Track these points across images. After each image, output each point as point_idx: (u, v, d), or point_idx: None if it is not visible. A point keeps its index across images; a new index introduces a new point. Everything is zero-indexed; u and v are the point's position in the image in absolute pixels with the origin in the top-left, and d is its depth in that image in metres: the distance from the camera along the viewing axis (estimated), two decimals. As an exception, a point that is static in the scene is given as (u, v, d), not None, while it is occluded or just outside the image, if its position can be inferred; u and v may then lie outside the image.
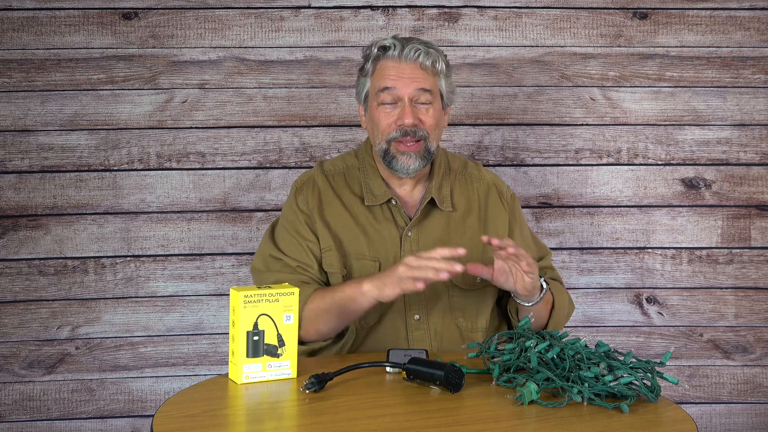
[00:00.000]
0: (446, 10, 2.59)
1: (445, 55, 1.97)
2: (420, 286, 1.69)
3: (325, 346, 1.96)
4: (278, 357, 1.60)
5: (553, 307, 1.93)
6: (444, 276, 1.67)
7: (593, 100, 2.63)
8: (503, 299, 2.00)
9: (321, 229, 1.93)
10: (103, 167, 2.55)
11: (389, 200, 1.95)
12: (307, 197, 1.96)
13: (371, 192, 1.96)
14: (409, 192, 1.99)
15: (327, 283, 1.93)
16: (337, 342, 1.94)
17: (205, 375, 2.58)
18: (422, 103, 1.90)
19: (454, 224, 1.97)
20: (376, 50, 1.92)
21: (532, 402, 1.48)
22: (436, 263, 1.68)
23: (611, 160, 2.63)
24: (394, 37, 1.93)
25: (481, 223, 1.99)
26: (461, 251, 1.69)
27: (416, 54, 1.89)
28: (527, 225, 2.09)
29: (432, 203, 1.97)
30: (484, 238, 1.75)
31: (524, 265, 1.76)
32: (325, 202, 1.96)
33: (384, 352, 1.74)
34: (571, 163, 2.63)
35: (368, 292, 1.77)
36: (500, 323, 2.02)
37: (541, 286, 1.85)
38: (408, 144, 1.89)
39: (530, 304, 1.86)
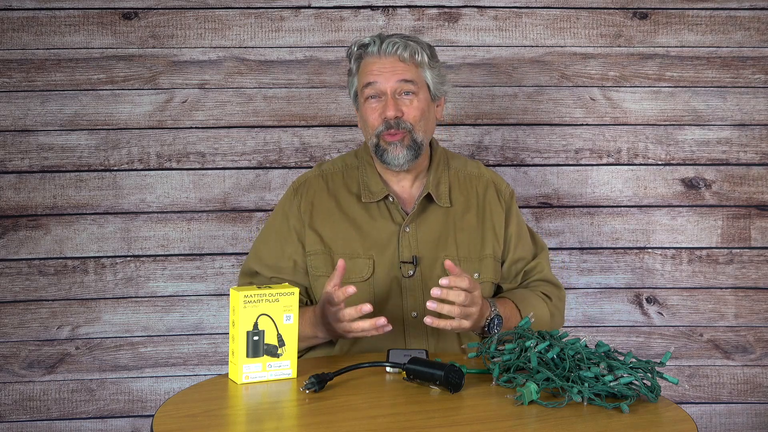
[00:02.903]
0: (446, 10, 2.59)
1: (430, 46, 1.98)
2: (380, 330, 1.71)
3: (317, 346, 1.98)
4: (278, 357, 1.60)
5: None
6: (386, 329, 1.70)
7: (593, 100, 2.62)
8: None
9: (309, 234, 1.95)
10: (103, 167, 2.54)
11: (386, 197, 1.96)
12: (300, 200, 1.99)
13: (368, 189, 1.97)
14: (408, 188, 1.99)
15: (307, 287, 1.97)
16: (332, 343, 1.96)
17: (205, 375, 2.58)
18: (406, 94, 1.92)
19: (452, 220, 1.97)
20: (356, 49, 1.96)
21: (532, 402, 1.48)
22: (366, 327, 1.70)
23: (611, 160, 2.63)
24: (375, 35, 1.96)
25: (479, 220, 1.99)
26: (366, 307, 1.69)
27: (394, 48, 1.92)
28: (525, 223, 2.10)
29: (429, 199, 1.97)
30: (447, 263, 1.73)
31: (455, 310, 1.71)
32: (317, 205, 1.98)
33: (384, 352, 1.74)
34: (571, 163, 2.63)
35: (323, 337, 1.86)
36: None
37: (486, 325, 1.84)
38: (392, 134, 1.91)
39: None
